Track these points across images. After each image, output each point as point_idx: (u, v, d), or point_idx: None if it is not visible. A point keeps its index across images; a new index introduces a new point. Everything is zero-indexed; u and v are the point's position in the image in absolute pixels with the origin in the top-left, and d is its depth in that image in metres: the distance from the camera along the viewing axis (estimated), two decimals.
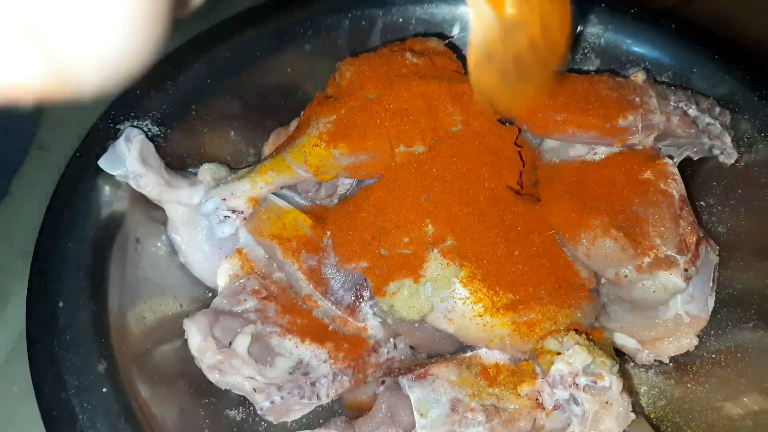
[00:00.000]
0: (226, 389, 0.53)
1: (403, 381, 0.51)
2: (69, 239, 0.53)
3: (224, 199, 0.57)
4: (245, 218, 0.58)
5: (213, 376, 0.52)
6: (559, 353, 0.46)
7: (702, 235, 0.54)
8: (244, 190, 0.57)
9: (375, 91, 0.53)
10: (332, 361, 0.55)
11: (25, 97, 0.24)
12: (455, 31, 0.71)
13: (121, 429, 0.46)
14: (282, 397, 0.52)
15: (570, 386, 0.45)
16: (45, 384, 0.47)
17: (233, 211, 0.57)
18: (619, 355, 0.57)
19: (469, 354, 0.52)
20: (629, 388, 0.48)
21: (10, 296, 0.71)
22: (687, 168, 0.61)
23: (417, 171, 0.52)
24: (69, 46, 0.23)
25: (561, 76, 0.56)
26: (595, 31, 0.66)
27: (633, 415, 0.45)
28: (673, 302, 0.53)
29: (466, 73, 0.57)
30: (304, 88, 0.68)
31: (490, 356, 0.51)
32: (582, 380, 0.44)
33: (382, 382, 0.53)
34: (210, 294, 0.60)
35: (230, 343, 0.53)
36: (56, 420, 0.46)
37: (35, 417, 0.46)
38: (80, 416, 0.46)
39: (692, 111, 0.57)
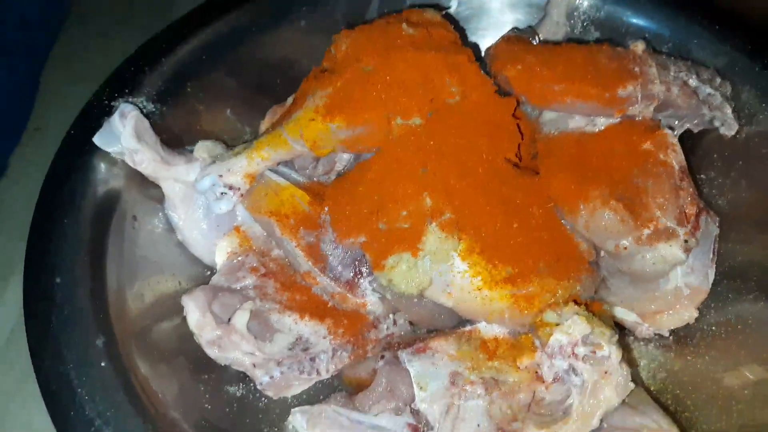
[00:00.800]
0: (225, 365, 0.53)
1: (403, 355, 0.50)
2: (65, 216, 0.52)
3: (221, 176, 0.57)
4: (242, 195, 0.57)
5: (212, 352, 0.52)
6: (558, 325, 0.46)
7: (702, 206, 0.53)
8: (241, 167, 0.56)
9: (371, 63, 0.52)
10: (331, 336, 0.55)
11: None
12: (453, 4, 0.70)
13: (120, 402, 0.46)
14: (281, 372, 0.52)
15: (569, 356, 0.45)
16: (44, 358, 0.47)
17: (230, 188, 0.57)
18: (619, 329, 0.56)
19: (468, 328, 0.52)
20: (628, 360, 0.47)
21: (10, 276, 0.71)
22: (687, 140, 0.59)
23: (414, 144, 0.52)
24: None
25: (559, 47, 0.56)
26: (594, 3, 0.66)
27: (632, 385, 0.45)
28: (673, 274, 0.52)
29: (463, 44, 0.57)
30: (301, 64, 0.67)
31: (490, 330, 0.51)
32: (581, 350, 0.44)
33: (382, 357, 0.53)
34: (208, 272, 0.59)
35: (229, 319, 0.53)
36: (55, 393, 0.46)
37: (36, 396, 0.46)
38: (79, 390, 0.46)
39: (693, 81, 0.56)
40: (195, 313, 0.53)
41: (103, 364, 0.47)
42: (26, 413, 0.63)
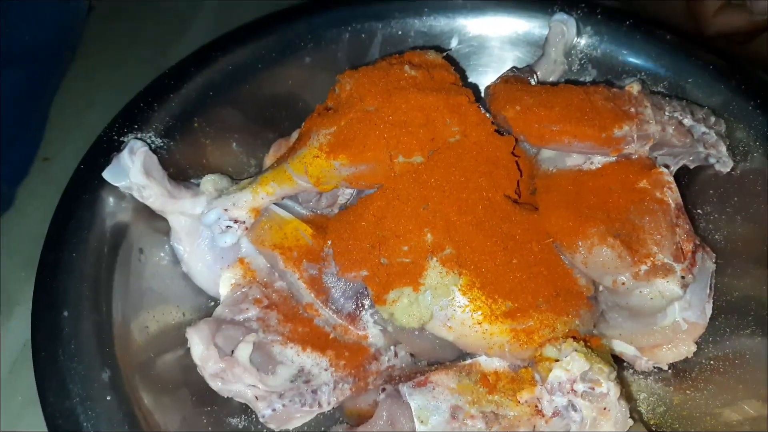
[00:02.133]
0: (228, 397, 0.53)
1: (404, 388, 0.51)
2: (73, 250, 0.53)
3: (226, 210, 0.58)
4: (247, 228, 0.58)
5: (215, 384, 0.52)
6: (557, 360, 0.46)
7: (698, 242, 0.54)
8: (246, 201, 0.58)
9: (374, 104, 0.54)
10: (333, 368, 0.55)
11: None
12: (453, 43, 0.72)
13: None
14: (284, 405, 0.53)
15: (568, 393, 0.45)
16: (50, 392, 0.47)
17: (235, 221, 0.58)
18: (619, 362, 0.57)
19: (468, 361, 0.53)
20: (627, 395, 0.48)
21: (14, 306, 0.71)
22: (684, 176, 0.61)
23: (416, 181, 0.53)
24: None
25: (556, 87, 0.57)
26: (591, 42, 0.67)
27: (631, 421, 0.45)
28: (670, 309, 0.53)
29: (463, 84, 0.58)
30: (305, 99, 0.69)
31: (490, 363, 0.51)
32: (580, 387, 0.45)
33: (383, 390, 0.53)
34: (212, 303, 0.60)
35: (232, 351, 0.53)
36: (61, 428, 0.46)
37: (39, 425, 0.46)
38: (84, 424, 0.46)
39: (687, 120, 0.57)
40: (199, 346, 0.53)
41: (108, 398, 0.47)
42: None
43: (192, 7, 1.01)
